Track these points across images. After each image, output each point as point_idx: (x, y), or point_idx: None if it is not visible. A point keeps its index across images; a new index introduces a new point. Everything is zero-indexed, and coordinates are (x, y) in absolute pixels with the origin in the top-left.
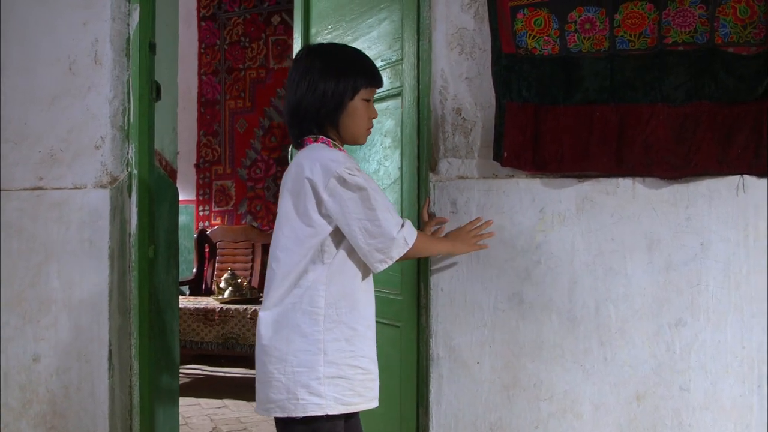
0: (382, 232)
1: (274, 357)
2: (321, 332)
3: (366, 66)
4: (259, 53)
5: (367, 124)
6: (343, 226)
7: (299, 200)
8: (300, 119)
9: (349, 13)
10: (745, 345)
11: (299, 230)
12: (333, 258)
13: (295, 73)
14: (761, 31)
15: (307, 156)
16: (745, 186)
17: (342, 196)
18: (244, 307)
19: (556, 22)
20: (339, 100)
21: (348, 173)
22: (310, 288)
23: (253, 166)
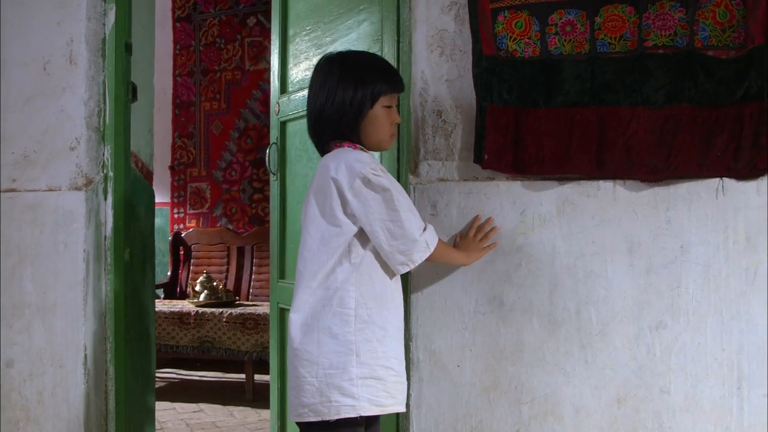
0: (405, 233)
1: (305, 360)
2: (352, 333)
3: (385, 72)
4: (234, 54)
5: (389, 131)
6: (366, 227)
7: (325, 200)
8: (322, 128)
9: (327, 15)
10: (725, 347)
11: (325, 230)
12: (360, 258)
13: (315, 82)
14: (740, 35)
15: (333, 158)
16: (725, 189)
17: (366, 197)
18: (220, 311)
19: (536, 24)
20: (359, 109)
21: (373, 174)
22: (339, 289)
23: (229, 169)
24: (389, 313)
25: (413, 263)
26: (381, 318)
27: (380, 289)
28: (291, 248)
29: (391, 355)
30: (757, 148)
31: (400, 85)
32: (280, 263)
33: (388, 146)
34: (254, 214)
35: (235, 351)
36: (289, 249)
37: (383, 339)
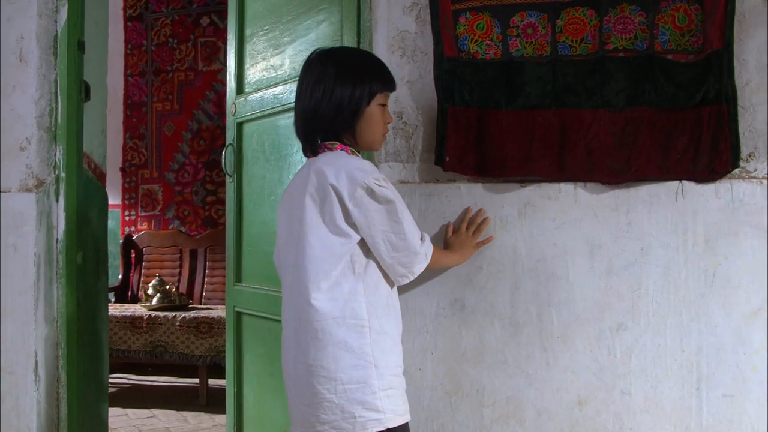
0: (407, 245)
1: (322, 377)
2: (368, 344)
3: (381, 70)
4: (187, 55)
5: (383, 130)
6: (367, 238)
7: (324, 208)
8: (315, 127)
9: (285, 15)
10: (684, 348)
11: (327, 239)
12: (364, 267)
13: (308, 79)
14: (699, 39)
15: (329, 163)
16: (684, 191)
17: (368, 207)
18: (173, 314)
19: (498, 26)
20: (356, 107)
21: (376, 184)
22: (348, 300)
23: (181, 170)
24: (395, 321)
25: (413, 275)
26: (390, 327)
27: (385, 298)
28: (248, 251)
29: (399, 363)
30: (715, 151)
31: (394, 83)
32: (236, 266)
33: (379, 146)
34: (207, 217)
35: (188, 355)
36: (246, 252)
37: (393, 348)
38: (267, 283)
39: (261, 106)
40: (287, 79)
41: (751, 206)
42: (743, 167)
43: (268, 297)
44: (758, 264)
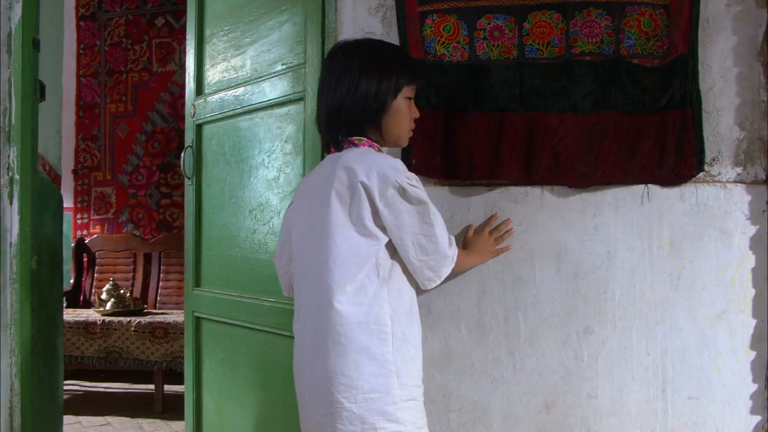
0: (437, 249)
1: (342, 384)
2: (390, 353)
3: (407, 62)
4: (141, 56)
5: (410, 125)
6: (396, 239)
7: (352, 207)
8: (340, 122)
9: (247, 15)
10: (650, 351)
11: (354, 240)
12: (388, 271)
13: (332, 73)
14: (664, 44)
15: (358, 159)
16: (650, 195)
17: (399, 208)
18: (128, 319)
19: (465, 29)
20: (383, 100)
21: (409, 184)
22: (373, 305)
23: (135, 173)
24: (417, 328)
25: (440, 279)
26: (412, 335)
27: (408, 304)
28: (208, 255)
29: (420, 373)
30: (680, 155)
31: (421, 75)
32: (195, 270)
33: (405, 142)
34: (162, 220)
35: (144, 361)
36: (206, 256)
37: (416, 357)
38: (227, 287)
39: (221, 108)
40: (249, 80)
41: (715, 210)
42: (707, 171)
43: (228, 301)
44: (722, 267)
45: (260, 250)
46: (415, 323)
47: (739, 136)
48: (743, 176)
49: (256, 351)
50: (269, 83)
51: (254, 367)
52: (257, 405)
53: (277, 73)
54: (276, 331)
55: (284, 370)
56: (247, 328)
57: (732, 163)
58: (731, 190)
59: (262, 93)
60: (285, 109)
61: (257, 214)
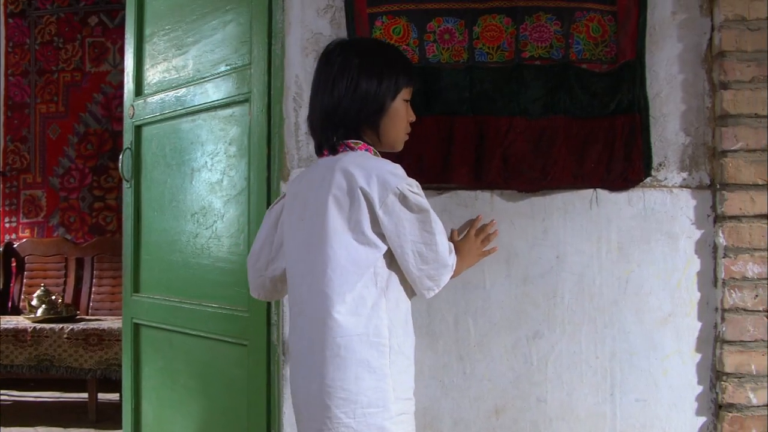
0: (437, 258)
1: (340, 399)
2: (388, 365)
3: (406, 63)
4: (74, 55)
5: (406, 128)
6: (395, 248)
7: (351, 214)
8: (337, 122)
9: (189, 14)
10: (599, 355)
11: (352, 248)
12: (386, 280)
13: (328, 72)
14: (612, 50)
15: (356, 164)
16: (598, 199)
17: (399, 215)
18: (60, 326)
19: (415, 31)
20: (381, 102)
21: (410, 191)
22: (372, 316)
23: (67, 175)
24: (411, 340)
25: (439, 288)
26: (406, 346)
27: (404, 314)
28: (147, 260)
29: (412, 385)
30: (628, 160)
31: (416, 78)
32: (134, 276)
33: (401, 146)
34: (95, 224)
35: (77, 369)
36: (145, 261)
37: (408, 369)
38: (168, 293)
39: (162, 109)
40: (191, 81)
41: (661, 214)
42: (654, 176)
43: (169, 307)
44: (669, 271)
45: (203, 254)
46: (409, 334)
47: (685, 142)
48: (689, 181)
49: (197, 358)
50: (213, 84)
51: (196, 374)
52: (199, 413)
53: (221, 73)
54: (219, 338)
55: (227, 378)
56: (188, 334)
57: (678, 168)
58: (677, 194)
59: (205, 94)
60: (229, 111)
61: (200, 217)
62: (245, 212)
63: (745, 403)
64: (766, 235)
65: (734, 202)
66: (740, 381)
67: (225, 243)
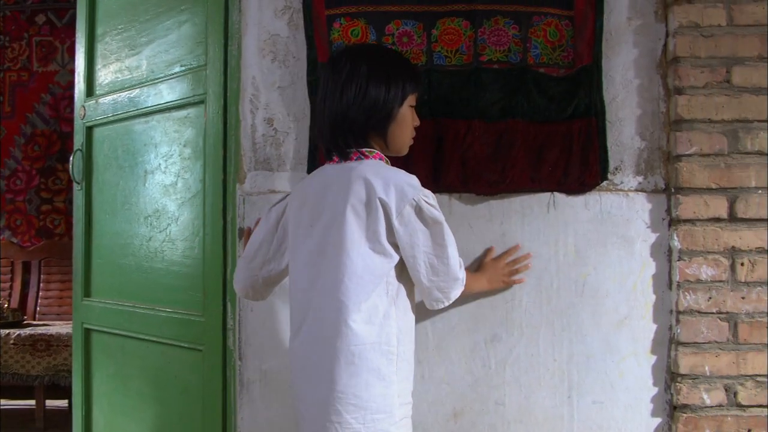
0: (448, 270)
1: (352, 405)
2: (395, 373)
3: (412, 69)
4: (21, 54)
5: (412, 132)
6: (408, 258)
7: (369, 223)
8: (345, 129)
9: (143, 14)
10: (556, 357)
11: (369, 258)
12: (396, 290)
13: (336, 79)
14: (569, 54)
15: (374, 173)
16: (556, 203)
17: (414, 227)
18: (6, 332)
19: (373, 33)
20: (390, 108)
21: (426, 202)
22: (384, 325)
23: (13, 177)
24: (413, 346)
25: (449, 301)
26: (410, 354)
27: (411, 323)
28: (99, 264)
29: (411, 389)
30: (585, 164)
31: (421, 83)
32: (85, 280)
33: (406, 150)
34: (42, 227)
35: (23, 375)
36: (96, 265)
37: (410, 375)
38: (120, 297)
39: (114, 110)
40: (145, 81)
41: (618, 218)
42: (611, 180)
43: (121, 312)
44: (624, 274)
45: (156, 258)
46: (413, 341)
47: (641, 146)
48: (644, 185)
49: (151, 364)
50: (167, 85)
51: (149, 380)
52: (152, 420)
53: (175, 74)
54: (173, 343)
55: (182, 383)
56: (141, 339)
57: (634, 173)
58: (633, 198)
59: (159, 95)
60: (184, 112)
61: (153, 221)
62: (200, 215)
63: (699, 403)
64: (719, 238)
65: (688, 205)
66: (694, 382)
67: (179, 246)
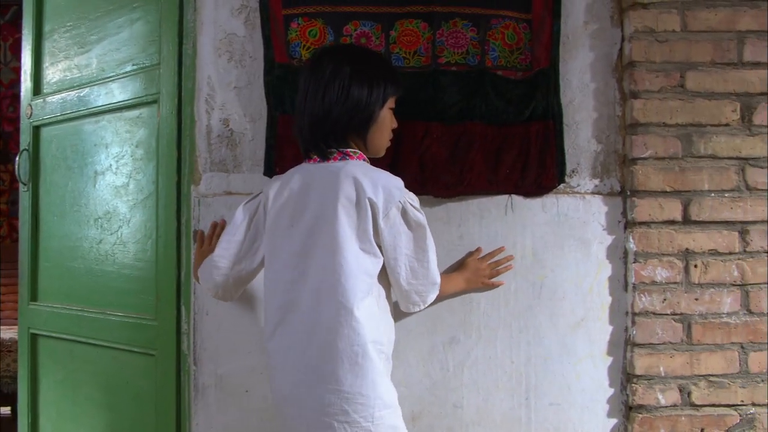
0: (427, 274)
1: (359, 404)
2: (389, 370)
3: (393, 72)
4: None
5: (390, 135)
6: (390, 260)
7: (360, 223)
8: (326, 130)
9: (93, 11)
10: (514, 360)
11: (361, 257)
12: (378, 290)
13: (318, 78)
14: (527, 57)
15: (362, 173)
16: (513, 206)
17: (399, 229)
18: None
19: (331, 34)
20: (371, 111)
21: (411, 205)
22: (379, 324)
23: None
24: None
25: (425, 304)
26: (390, 352)
27: (391, 324)
28: (46, 267)
29: None
30: (542, 167)
31: (401, 86)
32: (31, 284)
33: (383, 152)
34: None
35: None
36: (44, 268)
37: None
38: (69, 301)
39: (63, 109)
40: (95, 80)
41: (574, 220)
42: (567, 183)
43: (70, 317)
44: (581, 276)
45: (107, 261)
46: (392, 342)
47: (597, 149)
48: (600, 188)
49: (102, 369)
50: (119, 84)
51: (100, 386)
52: (103, 427)
53: (127, 73)
54: (125, 348)
55: (134, 389)
56: (91, 344)
57: (590, 175)
58: (589, 201)
59: (111, 94)
60: (136, 112)
61: (104, 223)
62: (153, 217)
63: (654, 404)
64: (673, 240)
65: (644, 208)
66: (650, 383)
67: (131, 249)
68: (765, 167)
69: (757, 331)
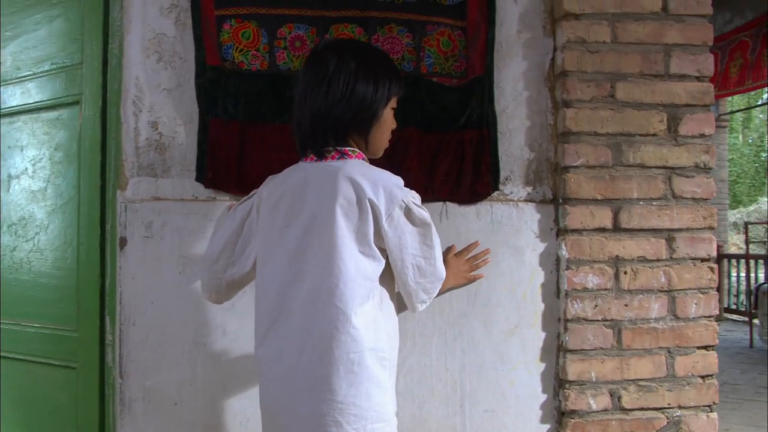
0: (434, 272)
1: (352, 415)
2: (388, 379)
3: (396, 71)
4: None
5: (389, 136)
6: (396, 261)
7: (359, 225)
8: (327, 127)
9: (8, 6)
10: (449, 367)
11: (360, 261)
12: (379, 294)
13: (320, 73)
14: (462, 64)
15: (361, 173)
16: (448, 212)
17: (403, 228)
18: None
19: (265, 36)
20: (375, 109)
21: (414, 204)
22: (377, 330)
23: None
24: (397, 353)
25: (430, 301)
26: (395, 359)
27: (395, 328)
28: None
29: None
30: (477, 174)
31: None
32: None
33: (381, 154)
34: None
35: None
36: None
37: (394, 382)
38: None
39: None
40: (9, 79)
41: (508, 228)
42: (501, 190)
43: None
44: (515, 283)
45: (22, 269)
46: (397, 348)
47: (530, 157)
48: (533, 195)
49: (17, 383)
50: (36, 84)
51: (15, 401)
52: None
53: (45, 72)
54: (42, 360)
55: (53, 404)
56: (5, 357)
57: (523, 183)
58: (522, 208)
59: (27, 94)
60: (55, 113)
61: (18, 229)
62: (74, 223)
63: (586, 408)
64: (604, 247)
65: (575, 216)
66: (581, 388)
67: (49, 257)
68: (690, 176)
69: (683, 336)
